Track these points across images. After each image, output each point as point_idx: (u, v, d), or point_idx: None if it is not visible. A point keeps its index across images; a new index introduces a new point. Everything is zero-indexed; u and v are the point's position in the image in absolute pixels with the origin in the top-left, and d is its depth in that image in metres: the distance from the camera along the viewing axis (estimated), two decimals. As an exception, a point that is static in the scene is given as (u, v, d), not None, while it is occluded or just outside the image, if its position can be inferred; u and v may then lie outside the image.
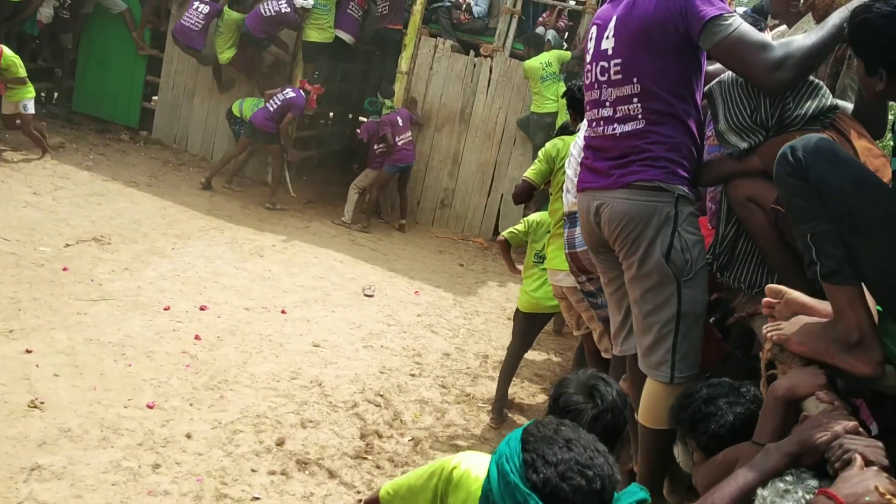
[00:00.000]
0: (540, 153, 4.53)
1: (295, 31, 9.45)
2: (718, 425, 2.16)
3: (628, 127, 2.61)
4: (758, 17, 3.06)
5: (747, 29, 2.37)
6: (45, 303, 5.51)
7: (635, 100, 2.58)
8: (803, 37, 2.32)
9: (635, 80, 2.57)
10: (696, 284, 2.62)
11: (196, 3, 9.36)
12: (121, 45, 10.50)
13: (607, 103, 2.67)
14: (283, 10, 9.07)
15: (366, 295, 7.16)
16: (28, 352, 4.81)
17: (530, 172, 4.54)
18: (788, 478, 1.61)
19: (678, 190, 2.56)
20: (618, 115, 2.64)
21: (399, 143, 9.01)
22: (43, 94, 10.89)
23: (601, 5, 8.92)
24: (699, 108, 2.64)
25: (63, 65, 10.72)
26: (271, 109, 8.99)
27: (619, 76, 2.61)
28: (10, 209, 7.06)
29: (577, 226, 3.65)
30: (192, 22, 9.32)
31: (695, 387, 2.33)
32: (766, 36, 2.48)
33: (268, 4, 9.15)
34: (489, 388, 5.64)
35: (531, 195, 4.72)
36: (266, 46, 9.52)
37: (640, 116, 2.58)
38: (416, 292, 7.53)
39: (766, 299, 2.08)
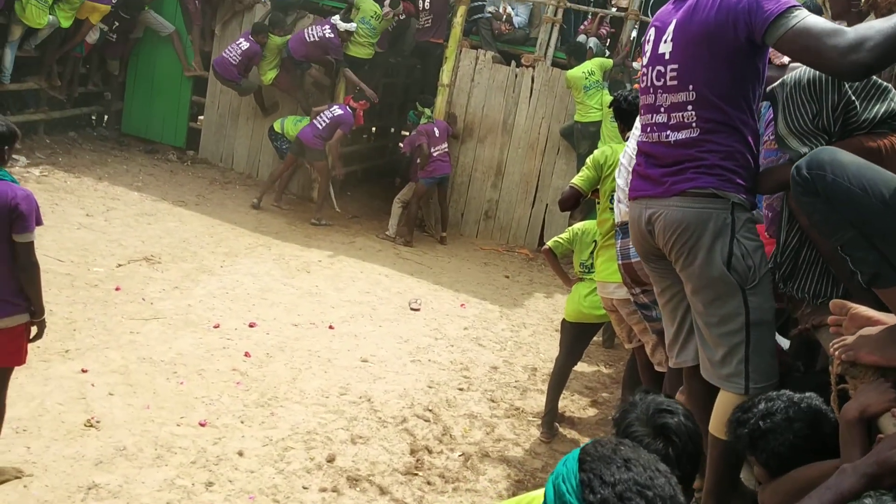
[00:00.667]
0: (588, 160, 4.46)
1: (336, 58, 9.50)
2: (778, 443, 2.07)
3: (682, 135, 2.54)
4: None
5: (814, 18, 2.26)
6: (100, 322, 5.61)
7: (690, 107, 2.50)
8: (878, 21, 2.17)
9: (691, 87, 2.49)
10: (762, 291, 2.53)
11: (240, 39, 9.60)
12: (168, 66, 10.73)
13: (662, 109, 2.60)
14: (326, 35, 9.19)
15: (412, 309, 7.15)
16: (83, 371, 4.90)
17: (578, 179, 4.46)
18: (867, 500, 1.52)
19: (733, 197, 2.48)
20: (672, 121, 2.56)
21: (434, 154, 9.00)
22: (94, 118, 11.18)
23: (644, 11, 8.69)
24: (756, 117, 2.54)
25: (112, 88, 10.98)
26: (319, 127, 9.05)
27: (675, 82, 2.54)
28: (64, 231, 7.23)
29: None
30: (231, 55, 9.56)
31: (752, 400, 2.24)
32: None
33: (312, 30, 9.29)
34: (539, 402, 5.57)
35: (578, 202, 4.63)
36: (307, 68, 9.64)
37: (694, 125, 2.51)
38: (463, 305, 7.49)
39: (832, 317, 2.00)
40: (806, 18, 2.25)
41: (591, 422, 5.51)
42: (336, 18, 9.24)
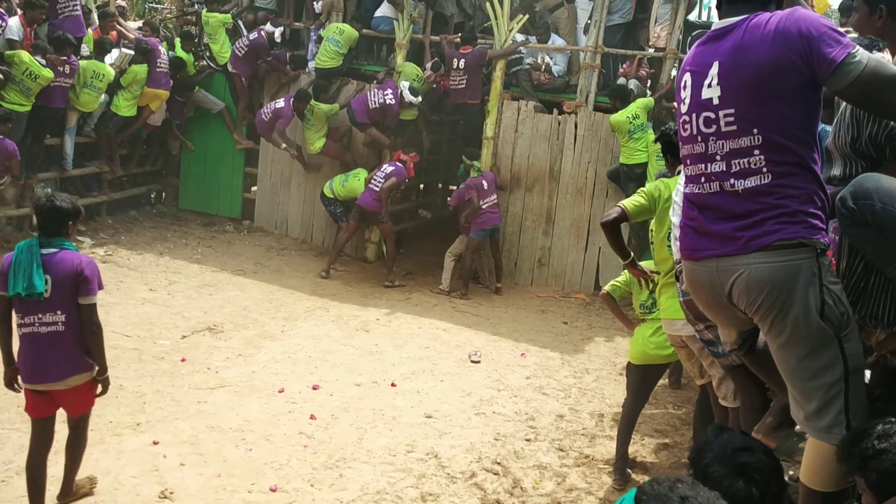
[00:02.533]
0: (643, 190, 4.36)
1: (388, 124, 9.73)
2: (892, 463, 2.00)
3: (751, 182, 2.39)
4: (873, 39, 2.87)
5: (876, 63, 2.19)
6: (168, 394, 5.72)
7: (756, 152, 2.37)
8: None
9: (755, 130, 2.36)
10: (854, 335, 2.41)
11: (280, 99, 9.95)
12: (220, 141, 11.12)
13: (718, 157, 2.46)
14: (387, 102, 9.45)
15: (472, 361, 7.12)
16: (155, 443, 4.98)
17: (628, 202, 4.32)
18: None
19: (819, 244, 2.35)
20: (734, 168, 2.42)
21: (484, 207, 9.06)
22: (152, 196, 11.59)
23: (683, 49, 8.56)
24: (821, 152, 2.43)
25: (168, 166, 11.40)
26: (376, 189, 9.20)
27: (734, 127, 2.40)
28: (129, 307, 7.44)
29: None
30: (265, 111, 10.00)
31: (871, 422, 2.18)
32: (890, 60, 2.30)
33: (373, 96, 9.57)
34: (608, 448, 5.46)
35: (619, 223, 4.49)
36: (367, 129, 9.85)
37: (764, 170, 2.37)
38: (523, 354, 7.43)
39: None
40: (869, 62, 2.20)
41: (664, 465, 5.36)
42: (405, 88, 9.42)
